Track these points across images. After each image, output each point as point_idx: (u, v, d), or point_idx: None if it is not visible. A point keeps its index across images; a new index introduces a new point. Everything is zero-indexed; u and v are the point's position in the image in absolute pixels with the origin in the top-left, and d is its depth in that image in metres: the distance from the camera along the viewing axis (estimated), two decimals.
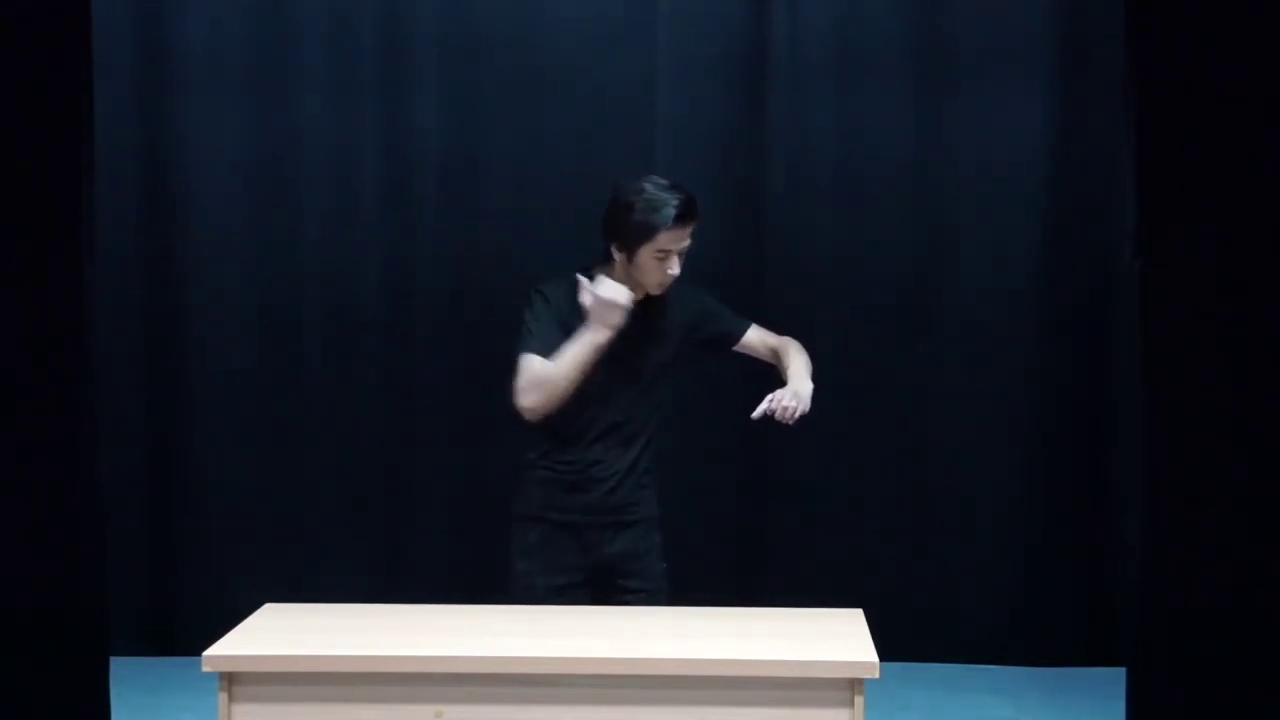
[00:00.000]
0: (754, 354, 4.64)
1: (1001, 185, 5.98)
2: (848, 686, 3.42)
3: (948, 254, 6.03)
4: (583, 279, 4.32)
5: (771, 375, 4.55)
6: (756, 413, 4.36)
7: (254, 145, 6.06)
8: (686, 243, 4.40)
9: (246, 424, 6.11)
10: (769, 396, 4.36)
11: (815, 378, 4.50)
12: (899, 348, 6.04)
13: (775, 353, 4.60)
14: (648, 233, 4.32)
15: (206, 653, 3.51)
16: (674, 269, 4.38)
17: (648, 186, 4.37)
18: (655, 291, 4.43)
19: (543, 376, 4.32)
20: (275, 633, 3.72)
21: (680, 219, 4.34)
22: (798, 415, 4.36)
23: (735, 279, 5.85)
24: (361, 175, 6.07)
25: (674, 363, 4.55)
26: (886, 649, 3.57)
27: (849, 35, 5.97)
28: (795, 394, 4.37)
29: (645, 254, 4.35)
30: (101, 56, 3.96)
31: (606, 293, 4.27)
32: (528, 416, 4.38)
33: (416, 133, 6.05)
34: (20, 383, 3.52)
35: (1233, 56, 3.43)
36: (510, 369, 4.51)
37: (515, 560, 4.50)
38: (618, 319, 4.28)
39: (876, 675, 3.42)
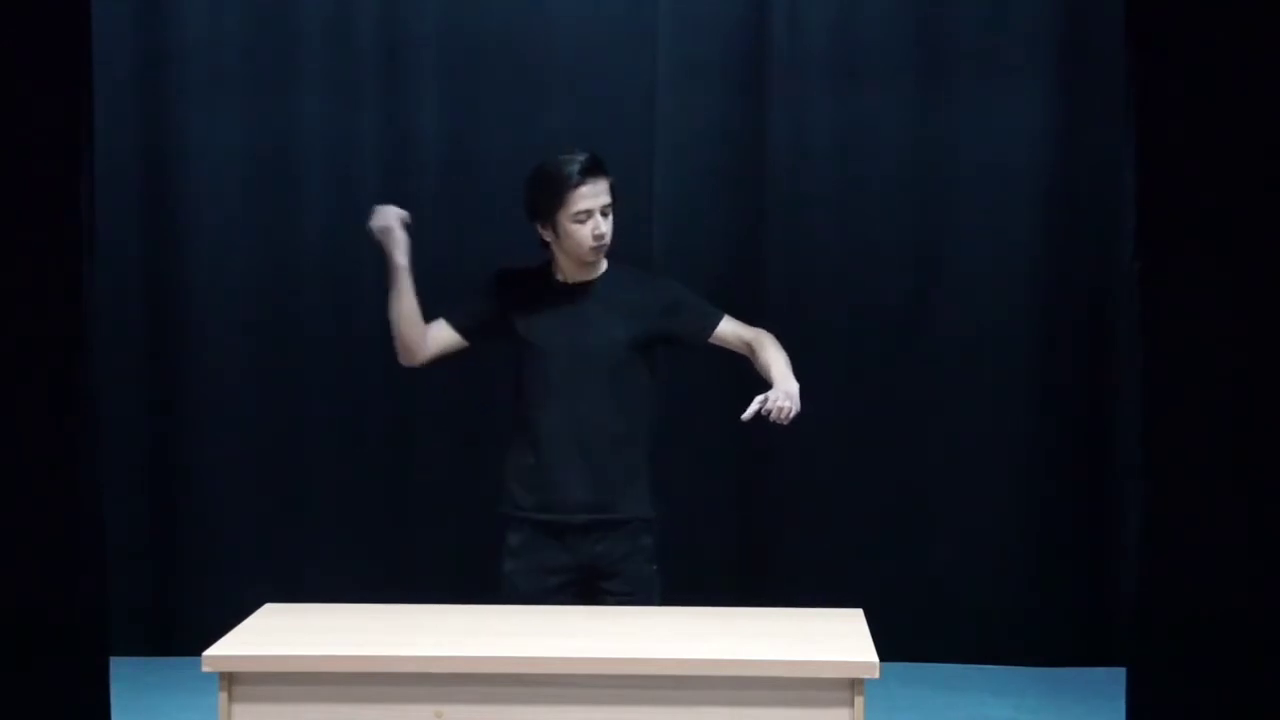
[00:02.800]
0: (727, 346, 4.60)
1: (1001, 185, 5.98)
2: (848, 686, 3.42)
3: (947, 254, 6.03)
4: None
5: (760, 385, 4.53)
6: (747, 414, 4.34)
7: (254, 145, 6.06)
8: (605, 200, 4.39)
9: (246, 424, 6.11)
10: (759, 398, 4.34)
11: (816, 377, 4.49)
12: (899, 347, 6.03)
13: (749, 346, 4.56)
14: (557, 194, 4.37)
15: (206, 653, 3.51)
16: (600, 227, 4.39)
17: (553, 157, 4.45)
18: (592, 259, 4.43)
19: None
20: (275, 633, 3.72)
21: (585, 173, 4.36)
22: (792, 415, 4.34)
23: (735, 278, 5.86)
24: (361, 175, 6.07)
25: (647, 357, 4.52)
26: (886, 649, 3.57)
27: (849, 35, 5.97)
28: (787, 394, 4.35)
29: (565, 221, 4.39)
30: (101, 56, 3.96)
31: (375, 220, 4.49)
32: (402, 363, 4.67)
33: (416, 133, 6.05)
34: (20, 383, 3.52)
35: (1233, 57, 3.43)
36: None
37: (502, 561, 4.51)
38: (394, 238, 4.48)
39: (876, 675, 3.42)
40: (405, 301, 4.52)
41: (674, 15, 5.99)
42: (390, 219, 4.48)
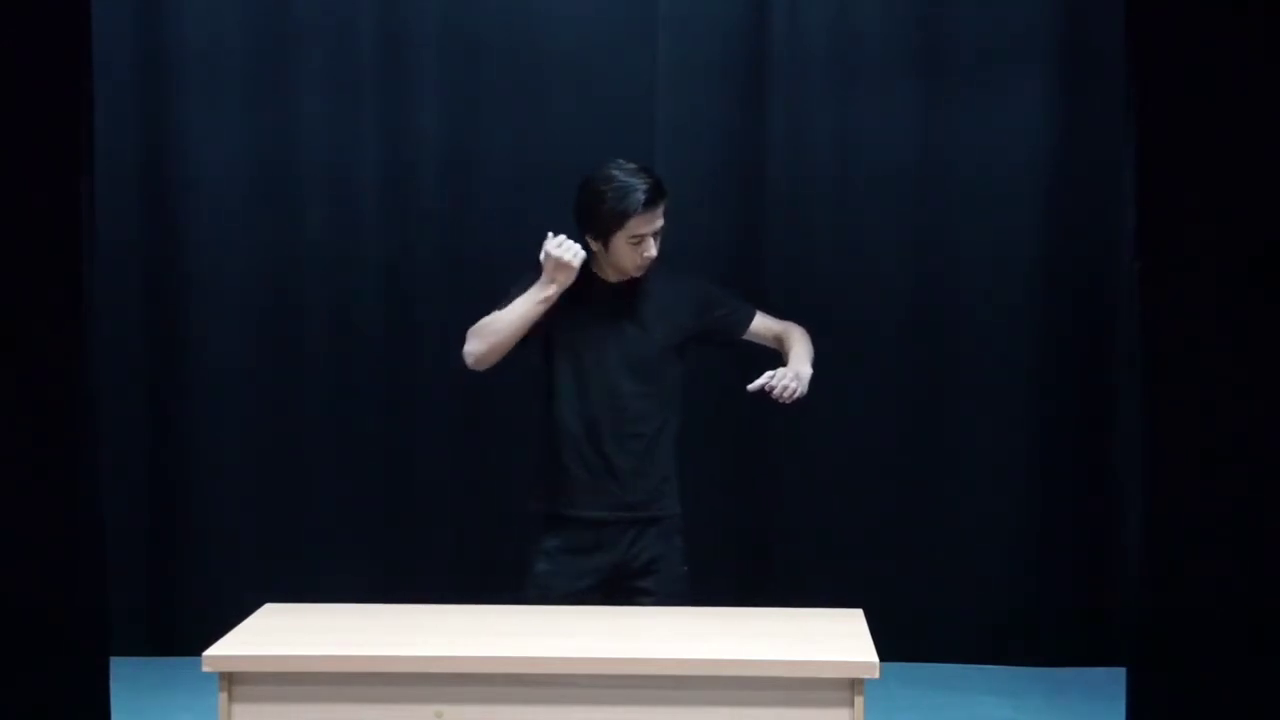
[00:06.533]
0: (758, 340, 4.66)
1: (1001, 185, 5.98)
2: (848, 686, 3.42)
3: (947, 254, 6.02)
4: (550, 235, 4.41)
5: (774, 365, 4.54)
6: (753, 385, 4.38)
7: (254, 145, 6.06)
8: (660, 223, 4.42)
9: (247, 424, 6.11)
10: (768, 374, 4.39)
11: (817, 377, 4.50)
12: (898, 348, 6.03)
13: (779, 338, 4.62)
14: (620, 220, 4.36)
15: (206, 653, 3.51)
16: (650, 251, 4.42)
17: (616, 174, 4.39)
18: (635, 274, 4.45)
19: (484, 324, 4.46)
20: (275, 633, 3.72)
21: (650, 203, 4.36)
22: (796, 396, 4.38)
23: (736, 279, 5.84)
24: (361, 175, 6.07)
25: (680, 354, 4.55)
26: (886, 649, 3.57)
27: (849, 35, 5.97)
28: (796, 375, 4.41)
29: (619, 240, 4.39)
30: (101, 56, 3.96)
31: (557, 250, 4.36)
32: (469, 364, 4.50)
33: (416, 133, 6.05)
34: (20, 381, 3.52)
35: (1232, 57, 3.44)
36: (511, 368, 4.55)
37: (534, 561, 4.48)
38: (566, 277, 4.38)
39: (876, 675, 3.42)
40: (528, 319, 4.41)
41: (674, 15, 5.99)
42: (572, 260, 4.35)
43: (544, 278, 4.40)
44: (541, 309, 4.40)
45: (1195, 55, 3.45)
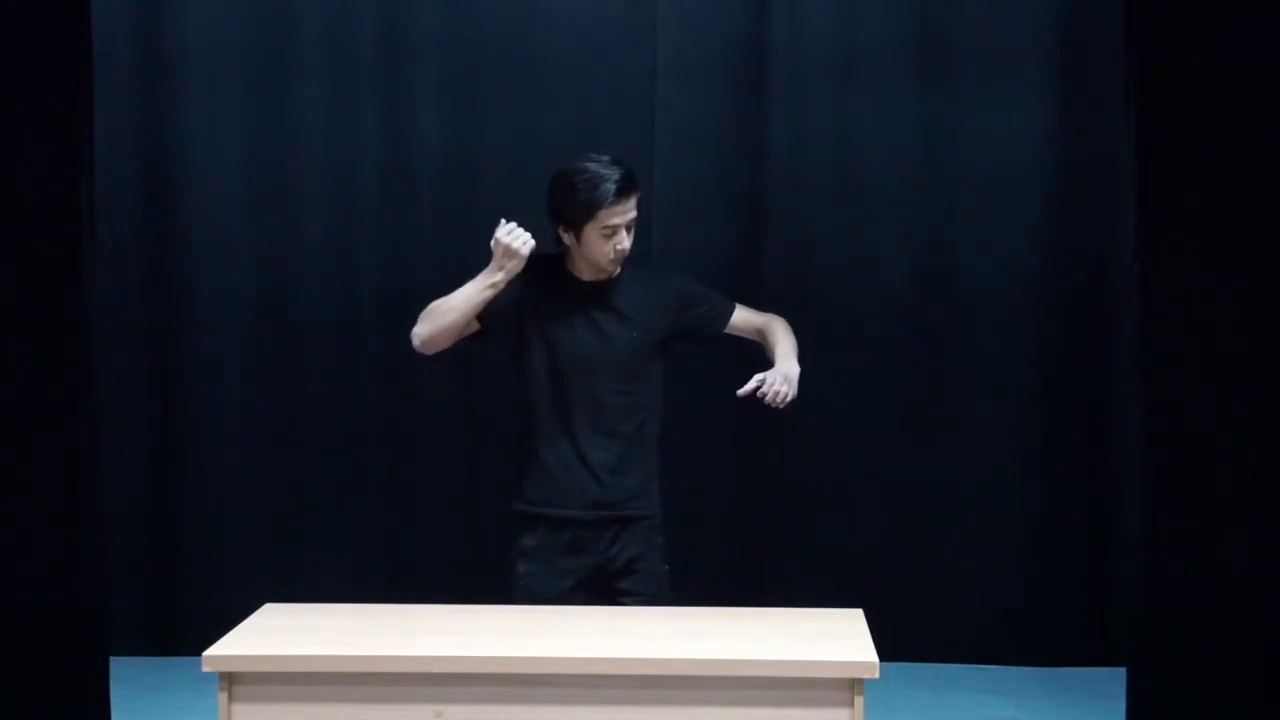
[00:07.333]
0: (740, 334, 4.64)
1: (1002, 186, 5.98)
2: (848, 686, 3.42)
3: (947, 255, 6.02)
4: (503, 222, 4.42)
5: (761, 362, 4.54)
6: (743, 390, 4.37)
7: (254, 146, 6.06)
8: (633, 214, 4.41)
9: (246, 424, 6.11)
10: (757, 377, 4.37)
11: (814, 377, 4.49)
12: (898, 348, 6.03)
13: (761, 331, 4.60)
14: (591, 211, 4.36)
15: (206, 653, 3.51)
16: (623, 243, 4.41)
17: (588, 166, 4.40)
18: (609, 268, 4.44)
19: (433, 307, 4.49)
20: (275, 633, 3.72)
21: (621, 193, 4.37)
22: (787, 400, 4.37)
23: (735, 279, 5.85)
24: (361, 175, 6.07)
25: (662, 352, 4.54)
26: (886, 649, 3.57)
27: (849, 36, 5.97)
28: (785, 378, 4.39)
29: (591, 232, 4.39)
30: (101, 56, 3.96)
31: (506, 238, 4.39)
32: (415, 346, 4.53)
33: (416, 133, 6.05)
34: (20, 382, 3.52)
35: (1232, 58, 3.44)
36: (506, 364, 4.55)
37: (515, 562, 4.49)
38: (515, 265, 4.39)
39: (876, 675, 3.42)
40: (474, 302, 4.44)
41: (673, 15, 5.99)
42: (520, 248, 4.38)
43: (492, 264, 4.42)
44: (489, 294, 4.41)
45: (1195, 57, 3.45)
